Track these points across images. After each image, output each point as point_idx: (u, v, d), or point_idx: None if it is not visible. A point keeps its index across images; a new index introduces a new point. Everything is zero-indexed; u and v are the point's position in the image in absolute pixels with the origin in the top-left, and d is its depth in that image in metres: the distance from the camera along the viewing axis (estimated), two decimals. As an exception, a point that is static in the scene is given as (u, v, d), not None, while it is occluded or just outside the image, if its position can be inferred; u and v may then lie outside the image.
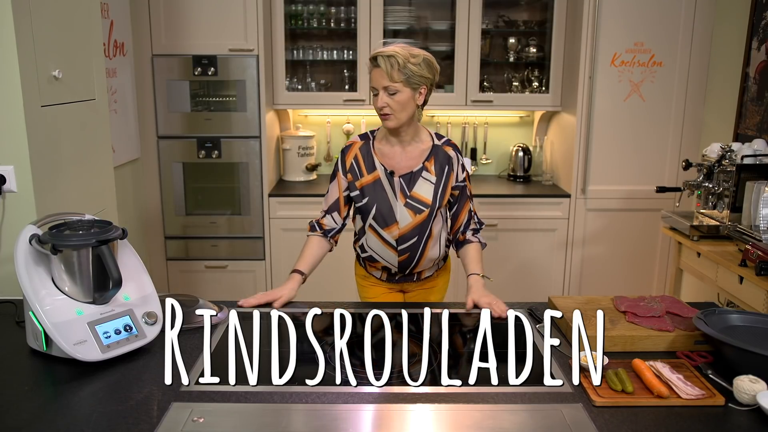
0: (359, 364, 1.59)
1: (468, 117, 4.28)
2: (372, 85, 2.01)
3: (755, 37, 3.30)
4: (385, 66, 1.95)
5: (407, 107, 2.00)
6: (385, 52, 1.96)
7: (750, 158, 2.83)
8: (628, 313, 1.77)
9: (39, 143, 2.05)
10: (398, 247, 2.10)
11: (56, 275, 1.59)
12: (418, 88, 1.99)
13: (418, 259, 2.13)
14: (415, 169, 2.08)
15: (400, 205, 2.07)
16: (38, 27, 2.05)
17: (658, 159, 3.77)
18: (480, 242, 2.17)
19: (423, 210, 2.07)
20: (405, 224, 2.08)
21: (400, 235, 2.08)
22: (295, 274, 2.06)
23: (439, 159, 2.10)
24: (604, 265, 3.88)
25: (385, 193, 2.08)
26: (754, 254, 2.44)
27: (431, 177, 2.09)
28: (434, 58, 2.05)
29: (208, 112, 3.68)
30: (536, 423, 1.31)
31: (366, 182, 2.09)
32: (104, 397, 1.39)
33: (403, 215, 2.07)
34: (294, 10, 3.95)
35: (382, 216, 2.08)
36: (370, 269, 2.24)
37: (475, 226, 2.19)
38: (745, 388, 1.37)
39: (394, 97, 1.97)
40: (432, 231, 2.12)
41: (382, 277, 2.23)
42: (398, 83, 1.95)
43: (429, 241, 2.12)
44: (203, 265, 3.84)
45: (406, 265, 2.14)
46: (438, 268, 2.25)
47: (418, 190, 2.08)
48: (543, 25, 4.05)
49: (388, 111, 1.99)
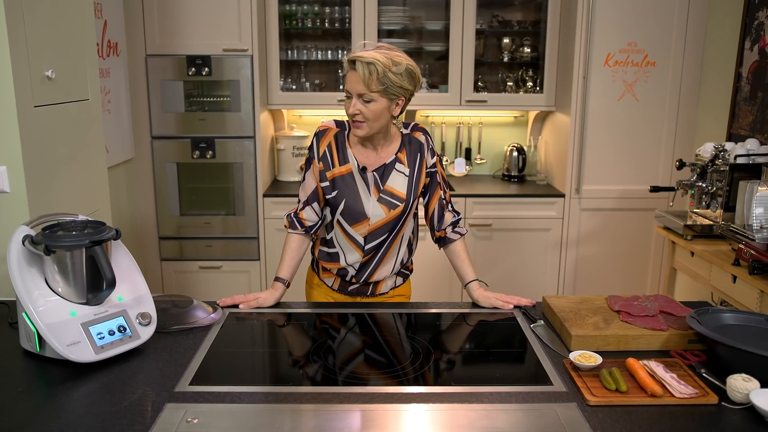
0: (354, 364, 1.59)
1: (462, 117, 4.28)
2: (346, 88, 1.85)
3: (748, 37, 3.31)
4: (362, 73, 1.79)
5: (381, 117, 1.86)
6: (365, 57, 1.79)
7: (743, 158, 2.85)
8: (622, 312, 1.77)
9: (32, 143, 2.04)
10: (365, 245, 1.98)
11: (49, 276, 1.58)
12: (395, 99, 1.85)
13: (379, 260, 2.01)
14: (388, 161, 1.96)
15: (372, 200, 1.95)
16: (31, 27, 2.04)
17: (652, 159, 3.79)
18: (462, 236, 2.07)
19: (397, 205, 1.95)
20: (377, 220, 1.95)
21: (370, 231, 1.96)
22: (278, 283, 1.99)
23: (412, 148, 1.99)
24: (598, 264, 3.88)
25: (356, 188, 1.95)
26: (747, 253, 2.45)
27: (405, 169, 1.97)
28: (417, 67, 1.89)
29: (202, 112, 3.67)
30: (530, 422, 1.31)
31: (337, 174, 1.95)
32: (98, 399, 1.39)
33: (376, 210, 1.95)
34: (288, 10, 3.94)
35: (351, 212, 1.95)
36: (324, 275, 2.10)
37: (453, 218, 2.06)
38: (738, 387, 1.38)
39: (368, 105, 1.82)
40: (403, 228, 2.00)
41: (335, 286, 2.08)
42: (375, 93, 1.81)
43: (396, 241, 2.01)
44: (197, 266, 3.83)
45: (365, 268, 2.01)
46: (395, 285, 2.11)
47: (392, 183, 1.96)
48: (537, 25, 4.06)
49: (361, 119, 1.85)
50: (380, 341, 1.77)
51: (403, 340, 1.74)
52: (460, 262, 2.06)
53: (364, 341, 1.77)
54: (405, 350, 1.68)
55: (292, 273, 2.03)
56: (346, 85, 1.85)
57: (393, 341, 1.75)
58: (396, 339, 1.75)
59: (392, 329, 1.84)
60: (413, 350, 1.67)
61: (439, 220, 2.06)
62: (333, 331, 1.82)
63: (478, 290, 2.00)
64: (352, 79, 1.82)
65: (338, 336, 1.78)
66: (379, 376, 1.54)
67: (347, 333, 1.83)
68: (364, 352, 1.70)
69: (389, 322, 1.88)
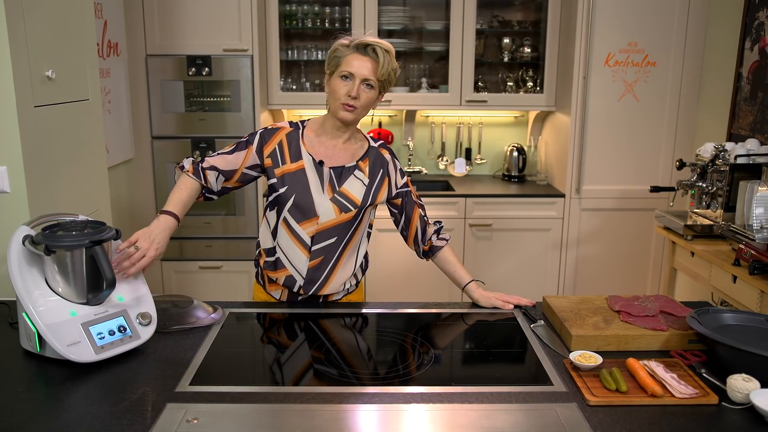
0: (354, 364, 1.59)
1: (462, 117, 4.28)
2: (349, 71, 1.81)
3: (748, 37, 3.31)
4: (382, 60, 1.80)
5: (369, 107, 1.87)
6: (383, 45, 1.82)
7: (743, 158, 2.84)
8: (622, 312, 1.77)
9: (32, 144, 2.04)
10: (312, 247, 1.90)
11: (49, 276, 1.58)
12: (382, 93, 1.88)
13: (330, 270, 1.93)
14: (348, 165, 1.92)
15: (325, 198, 1.88)
16: (31, 27, 2.04)
17: (652, 159, 3.79)
18: (447, 241, 2.06)
19: (350, 209, 1.89)
20: (326, 220, 1.88)
21: (318, 231, 1.89)
22: (169, 217, 1.79)
23: (374, 161, 1.95)
24: (598, 264, 3.88)
25: (307, 184, 1.88)
26: (748, 253, 2.45)
27: (364, 178, 1.93)
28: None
29: (202, 112, 3.67)
30: (531, 422, 1.31)
31: (288, 170, 1.89)
32: (98, 399, 1.39)
33: (327, 210, 1.88)
34: (288, 10, 3.94)
35: (300, 208, 1.88)
36: (270, 287, 2.01)
37: (436, 227, 2.05)
38: (738, 387, 1.37)
39: (366, 92, 1.83)
40: (353, 237, 1.95)
41: (282, 297, 2.01)
42: (379, 82, 1.83)
43: (346, 250, 1.94)
44: (198, 266, 3.83)
45: (315, 276, 1.92)
46: (348, 292, 2.06)
47: (349, 187, 1.91)
48: (537, 25, 4.06)
49: (356, 104, 1.82)
50: (380, 342, 1.77)
51: (404, 340, 1.74)
52: (452, 267, 2.04)
53: (364, 341, 1.77)
54: (405, 350, 1.68)
55: (181, 211, 1.83)
56: (351, 68, 1.81)
57: (393, 341, 1.75)
58: (396, 339, 1.75)
59: (392, 330, 1.83)
60: (413, 350, 1.67)
61: (422, 236, 2.04)
62: (334, 331, 1.82)
63: (477, 290, 2.00)
64: (361, 63, 1.81)
65: (339, 336, 1.78)
66: (378, 376, 1.54)
67: (348, 333, 1.83)
68: (365, 352, 1.70)
69: (389, 322, 1.88)
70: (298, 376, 1.53)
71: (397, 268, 3.79)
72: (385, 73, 1.82)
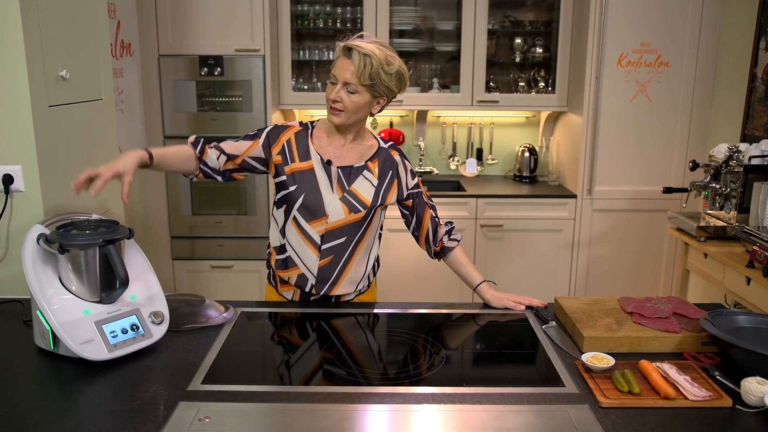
0: (365, 364, 1.59)
1: (474, 117, 4.27)
2: (333, 72, 1.82)
3: (763, 38, 3.28)
4: (358, 63, 1.77)
5: (360, 111, 1.85)
6: (363, 48, 1.77)
7: (758, 159, 2.82)
8: (635, 314, 1.76)
9: (46, 143, 2.06)
10: (322, 245, 1.90)
11: (63, 274, 1.59)
12: (378, 97, 1.85)
13: (341, 269, 1.94)
14: (356, 165, 1.92)
15: (335, 198, 1.89)
16: (46, 27, 2.06)
17: (665, 159, 3.76)
18: (459, 242, 2.06)
19: (360, 210, 1.90)
20: (336, 219, 1.89)
21: (327, 230, 1.89)
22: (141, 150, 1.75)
23: (384, 162, 1.95)
24: (610, 265, 3.86)
25: (317, 183, 1.88)
26: (762, 255, 2.43)
27: (373, 178, 1.93)
28: (407, 71, 1.87)
29: (214, 112, 3.69)
30: (543, 424, 1.31)
31: (297, 168, 1.89)
32: (111, 397, 1.40)
33: (337, 209, 1.88)
34: (300, 10, 3.95)
35: (309, 207, 1.88)
36: (282, 288, 2.01)
37: (448, 228, 2.05)
38: (752, 390, 1.36)
39: (351, 96, 1.80)
40: (364, 238, 1.95)
41: (294, 298, 2.00)
42: (362, 86, 1.79)
43: (357, 250, 1.95)
44: (209, 265, 3.85)
45: (326, 275, 1.93)
46: (359, 293, 2.06)
47: (358, 187, 1.91)
48: (549, 25, 4.04)
49: (340, 107, 1.81)
50: (391, 342, 1.77)
51: (415, 340, 1.74)
52: (464, 268, 2.04)
53: (375, 342, 1.77)
54: (417, 351, 1.68)
55: (158, 154, 1.79)
56: (335, 70, 1.82)
57: (404, 342, 1.75)
58: (407, 339, 1.75)
59: (403, 330, 1.83)
60: (424, 351, 1.67)
61: (434, 236, 2.04)
62: (345, 331, 1.82)
63: (489, 291, 1.99)
64: (343, 66, 1.80)
65: (350, 336, 1.78)
66: (389, 376, 1.54)
67: (359, 333, 1.83)
68: (375, 353, 1.70)
69: (400, 322, 1.88)
70: (309, 376, 1.53)
71: (408, 268, 3.79)
72: (366, 76, 1.78)
